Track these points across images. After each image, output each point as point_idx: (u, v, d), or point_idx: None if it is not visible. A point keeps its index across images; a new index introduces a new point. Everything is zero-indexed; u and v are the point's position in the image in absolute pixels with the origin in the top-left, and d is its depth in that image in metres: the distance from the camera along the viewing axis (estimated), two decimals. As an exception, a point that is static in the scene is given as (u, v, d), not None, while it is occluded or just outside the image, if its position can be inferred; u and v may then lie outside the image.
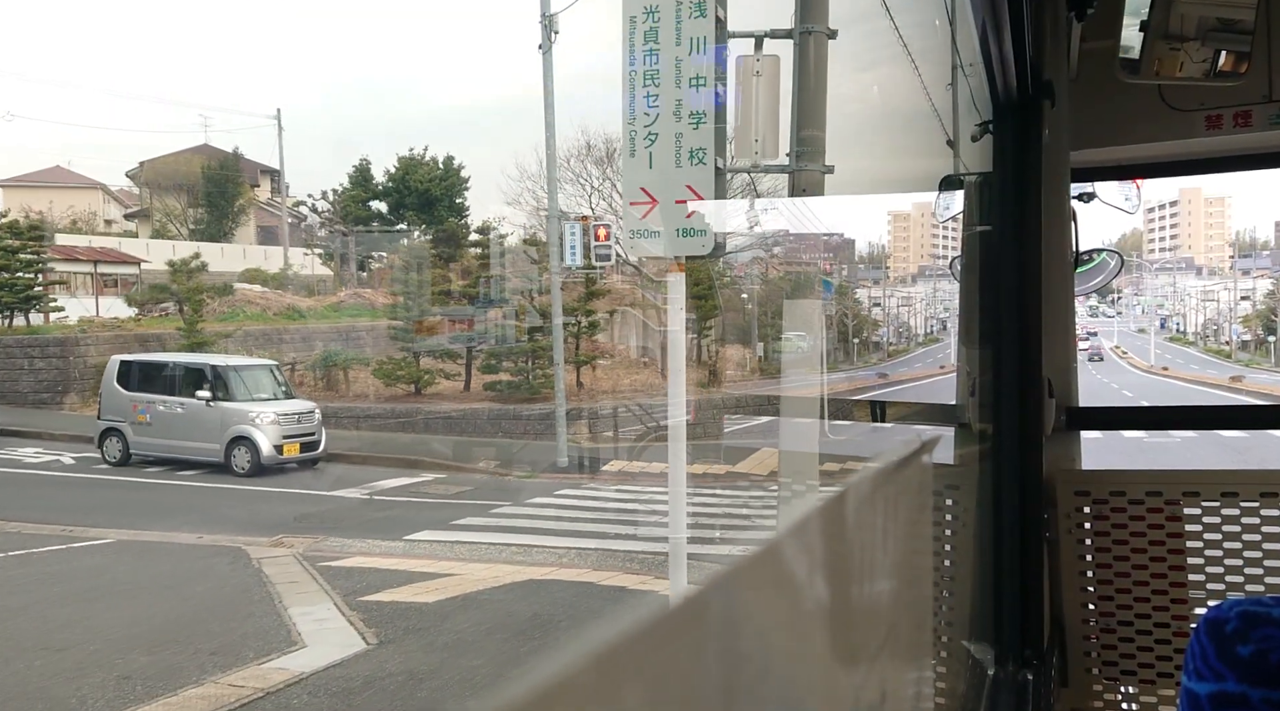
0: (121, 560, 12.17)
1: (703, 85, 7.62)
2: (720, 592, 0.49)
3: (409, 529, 14.22)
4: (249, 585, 10.91)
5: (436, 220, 35.07)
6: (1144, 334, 59.41)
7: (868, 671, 0.86)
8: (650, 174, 7.73)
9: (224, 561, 12.11)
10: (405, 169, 37.64)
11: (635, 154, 7.79)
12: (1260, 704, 1.15)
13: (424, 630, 9.24)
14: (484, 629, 9.34)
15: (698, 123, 7.65)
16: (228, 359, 22.30)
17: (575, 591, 10.77)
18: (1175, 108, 2.54)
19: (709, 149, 7.63)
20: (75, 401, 26.29)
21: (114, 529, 13.90)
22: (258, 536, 13.51)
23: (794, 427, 6.50)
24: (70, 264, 33.25)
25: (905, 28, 3.15)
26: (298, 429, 19.79)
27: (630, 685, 0.39)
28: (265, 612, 9.80)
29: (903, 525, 1.04)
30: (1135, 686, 2.38)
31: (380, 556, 12.56)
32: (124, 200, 51.04)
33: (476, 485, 18.55)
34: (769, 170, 9.96)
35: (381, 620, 9.51)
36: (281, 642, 8.83)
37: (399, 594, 10.53)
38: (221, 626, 9.36)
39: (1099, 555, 2.38)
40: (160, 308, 30.52)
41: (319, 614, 9.73)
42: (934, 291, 14.87)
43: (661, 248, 7.82)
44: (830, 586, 0.72)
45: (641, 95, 7.68)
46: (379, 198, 38.60)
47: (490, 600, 10.34)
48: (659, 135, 7.69)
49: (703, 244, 7.69)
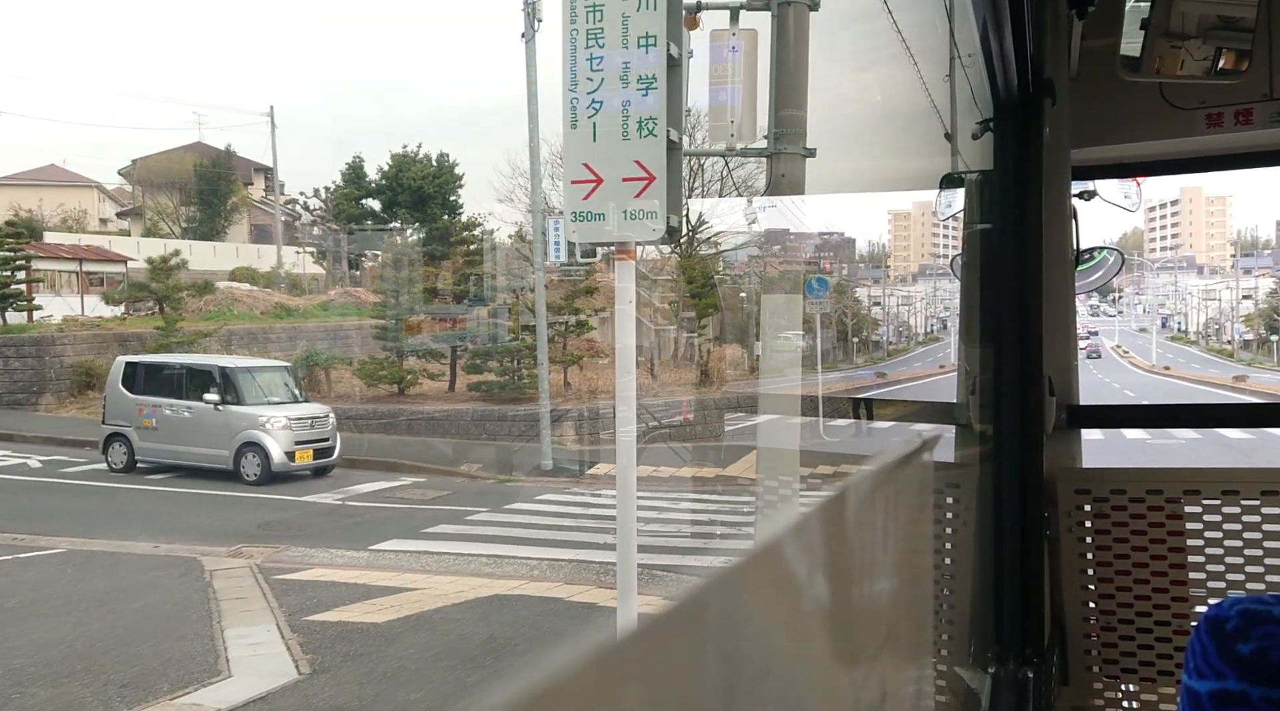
0: (65, 573, 11.52)
1: (653, 45, 6.66)
2: (720, 592, 0.49)
3: (377, 537, 13.60)
4: (191, 601, 10.27)
5: (430, 218, 34.97)
6: (1145, 333, 59.41)
7: (868, 670, 0.86)
8: (594, 148, 6.82)
9: (174, 574, 11.44)
10: (399, 166, 37.59)
11: (577, 125, 6.86)
12: (1261, 702, 1.15)
13: (365, 656, 8.55)
14: (431, 655, 8.61)
15: (647, 89, 6.72)
16: (238, 360, 21.56)
17: (541, 609, 10.14)
18: (1176, 106, 2.54)
19: (660, 119, 6.70)
20: (51, 402, 25.79)
21: (68, 537, 13.31)
22: (218, 545, 12.95)
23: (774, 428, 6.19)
24: (53, 262, 32.71)
25: (905, 26, 3.14)
26: (310, 434, 18.93)
27: (630, 685, 0.39)
28: (198, 634, 9.11)
29: (903, 524, 1.04)
30: (1136, 684, 2.38)
31: (341, 568, 11.96)
32: (119, 199, 51.01)
33: (455, 490, 17.87)
34: (746, 153, 9.33)
35: (322, 644, 8.85)
36: (204, 672, 8.12)
37: (349, 612, 9.89)
38: (147, 650, 8.68)
39: (1099, 553, 2.38)
40: (148, 307, 29.93)
41: (256, 636, 9.07)
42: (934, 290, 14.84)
43: (607, 232, 6.90)
44: (831, 585, 0.72)
45: (584, 57, 6.77)
46: (372, 196, 38.54)
47: (446, 620, 9.65)
48: (604, 103, 6.79)
49: (653, 228, 6.76)
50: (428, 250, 30.98)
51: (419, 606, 10.07)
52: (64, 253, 34.02)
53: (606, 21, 6.74)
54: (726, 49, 9.04)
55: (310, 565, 12.05)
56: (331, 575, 11.54)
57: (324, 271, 40.35)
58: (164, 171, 46.15)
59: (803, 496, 2.74)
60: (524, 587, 11.00)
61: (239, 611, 9.88)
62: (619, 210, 6.76)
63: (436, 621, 9.58)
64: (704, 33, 8.83)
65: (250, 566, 11.83)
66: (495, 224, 36.70)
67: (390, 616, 9.71)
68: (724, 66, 9.05)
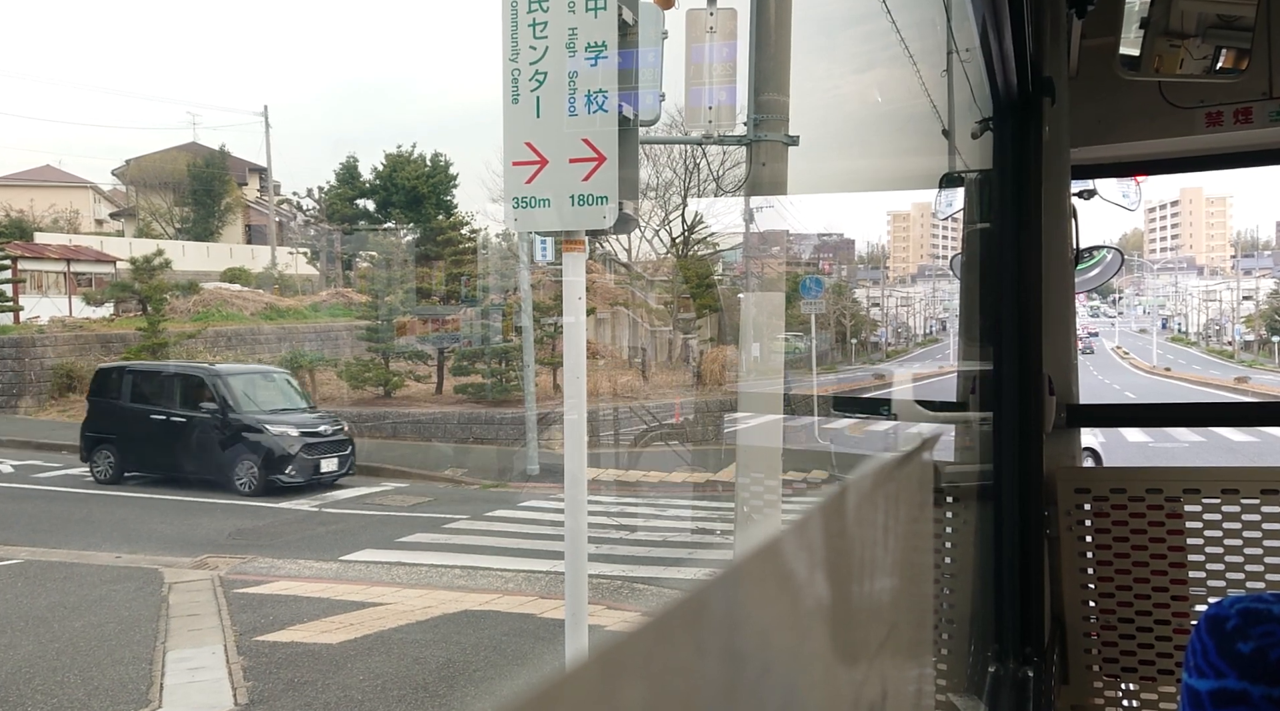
0: (14, 587, 10.98)
1: (603, 10, 6.06)
2: (721, 590, 0.49)
3: (350, 547, 13.14)
4: (139, 619, 9.73)
5: (424, 218, 34.91)
6: (1145, 334, 59.42)
7: (869, 669, 0.86)
8: (537, 125, 6.15)
9: (129, 587, 10.92)
10: (393, 166, 37.53)
11: (518, 100, 6.18)
12: (1261, 700, 1.15)
13: (308, 684, 8.03)
14: (380, 683, 8.10)
15: (596, 57, 6.07)
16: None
17: (510, 627, 9.68)
18: (1175, 105, 2.54)
19: (611, 92, 6.07)
20: (30, 405, 25.29)
21: (28, 547, 12.79)
22: (183, 556, 12.44)
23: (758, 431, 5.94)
24: (40, 262, 32.21)
25: (904, 26, 3.15)
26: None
27: (631, 684, 0.39)
28: (137, 658, 8.60)
29: (903, 523, 1.04)
30: (1136, 683, 2.38)
31: (307, 580, 11.49)
32: (115, 199, 50.94)
33: (437, 496, 17.34)
34: (725, 141, 8.96)
35: (267, 669, 8.37)
36: (133, 702, 7.59)
37: (304, 632, 9.41)
38: (76, 676, 8.17)
39: (1099, 552, 2.38)
40: (136, 307, 29.34)
41: (199, 660, 8.60)
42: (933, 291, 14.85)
43: (552, 220, 6.24)
44: (831, 584, 0.72)
45: (525, 22, 6.14)
46: (366, 196, 38.48)
47: (405, 640, 9.17)
48: (548, 75, 6.12)
49: (603, 215, 6.05)
50: (418, 250, 30.82)
51: (380, 624, 9.66)
52: (51, 253, 33.53)
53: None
54: (703, 29, 8.73)
55: (275, 577, 11.67)
56: (295, 588, 11.10)
57: (317, 272, 40.27)
58: (158, 171, 45.96)
59: (785, 500, 2.73)
60: (496, 602, 10.55)
61: (187, 630, 9.44)
62: (565, 195, 6.10)
63: (394, 642, 9.14)
64: (679, 12, 8.32)
65: (213, 578, 11.42)
66: (487, 223, 36.61)
67: (346, 636, 9.29)
68: (700, 48, 8.74)
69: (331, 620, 9.82)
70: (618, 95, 6.07)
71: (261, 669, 8.40)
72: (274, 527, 14.74)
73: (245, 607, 10.26)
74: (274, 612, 10.08)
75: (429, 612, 10.06)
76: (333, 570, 12.07)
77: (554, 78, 6.11)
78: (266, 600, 10.57)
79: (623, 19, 6.10)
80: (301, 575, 11.83)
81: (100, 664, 8.50)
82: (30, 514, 15.31)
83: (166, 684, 8.04)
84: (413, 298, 28.77)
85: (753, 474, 3.04)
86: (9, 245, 31.00)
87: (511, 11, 6.16)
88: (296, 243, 43.61)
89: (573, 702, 0.35)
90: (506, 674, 8.43)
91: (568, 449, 6.82)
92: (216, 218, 45.86)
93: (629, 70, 6.22)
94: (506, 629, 9.63)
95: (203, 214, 45.39)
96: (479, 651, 8.98)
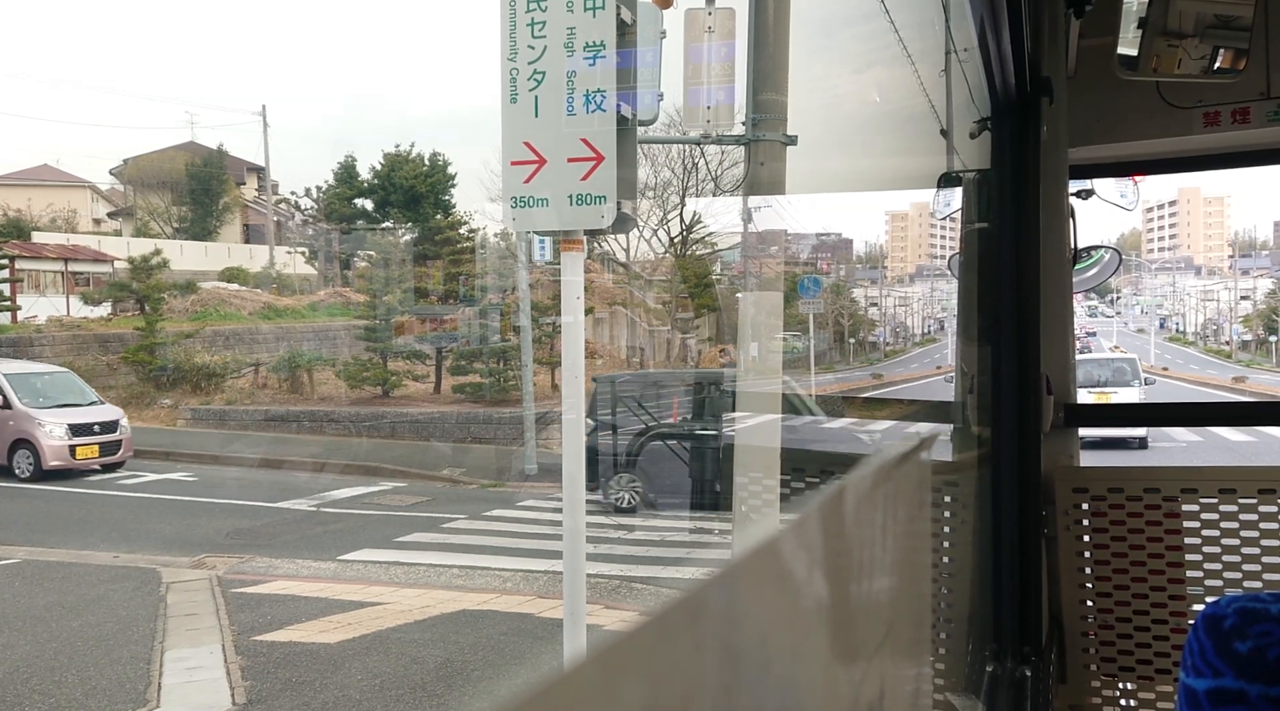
0: (12, 586, 10.97)
1: (601, 9, 6.05)
2: (719, 589, 0.49)
3: (349, 546, 13.12)
4: (137, 618, 9.70)
5: (423, 218, 34.87)
6: (1143, 334, 59.48)
7: (867, 668, 0.86)
8: (536, 125, 6.15)
9: (127, 587, 10.90)
10: (391, 166, 37.49)
11: (517, 99, 6.18)
12: (1258, 700, 1.15)
13: (306, 684, 8.01)
14: (377, 683, 8.08)
15: (594, 57, 6.08)
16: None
17: (508, 626, 9.65)
18: (1173, 104, 2.54)
19: (610, 92, 6.07)
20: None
21: (25, 546, 12.79)
22: (180, 555, 12.42)
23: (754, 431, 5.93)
24: (37, 262, 32.10)
25: (902, 26, 3.15)
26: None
27: (629, 683, 0.39)
28: (134, 657, 8.56)
29: (902, 522, 1.04)
30: (1134, 682, 2.38)
31: (305, 580, 11.45)
32: (113, 199, 50.86)
33: (435, 495, 17.34)
34: (723, 141, 8.99)
35: (266, 669, 8.34)
36: (130, 702, 7.57)
37: (302, 631, 9.39)
38: (73, 677, 8.14)
39: (1097, 552, 2.38)
40: (134, 307, 29.23)
41: (197, 659, 8.56)
42: (931, 291, 14.85)
43: (550, 219, 6.26)
44: (830, 583, 0.72)
45: (524, 21, 6.15)
46: (364, 195, 38.43)
47: (403, 640, 9.15)
48: (546, 74, 6.13)
49: (601, 215, 6.07)
50: (416, 250, 30.77)
51: (378, 624, 9.65)
52: (49, 252, 33.40)
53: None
54: (702, 29, 8.72)
55: (274, 576, 11.64)
56: (293, 588, 11.06)
57: (315, 271, 40.20)
58: (156, 171, 45.85)
59: (782, 502, 2.72)
60: (494, 602, 10.51)
61: (185, 630, 9.41)
62: (564, 194, 6.12)
63: (392, 642, 9.12)
64: (678, 11, 8.35)
65: (211, 578, 11.38)
66: (485, 223, 36.58)
67: (345, 636, 9.28)
68: (699, 48, 8.73)
69: (329, 620, 9.79)
70: (616, 95, 6.06)
71: (259, 668, 8.37)
72: (272, 527, 14.73)
73: (243, 607, 10.22)
74: (272, 612, 10.05)
75: (427, 612, 10.04)
76: (331, 570, 12.05)
77: (552, 77, 6.11)
78: (264, 600, 10.54)
79: (621, 18, 6.08)
80: (299, 575, 11.80)
81: (98, 663, 8.47)
82: (23, 513, 15.23)
83: (164, 683, 8.02)
84: (411, 297, 28.69)
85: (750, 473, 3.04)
86: (7, 244, 30.91)
87: (510, 11, 6.15)
88: (294, 242, 43.53)
89: (571, 702, 0.35)
90: (505, 673, 8.42)
91: (566, 448, 6.78)
92: (214, 217, 45.78)
93: (627, 70, 6.23)
94: (505, 628, 9.61)
95: (201, 213, 45.33)
96: (477, 651, 8.96)
